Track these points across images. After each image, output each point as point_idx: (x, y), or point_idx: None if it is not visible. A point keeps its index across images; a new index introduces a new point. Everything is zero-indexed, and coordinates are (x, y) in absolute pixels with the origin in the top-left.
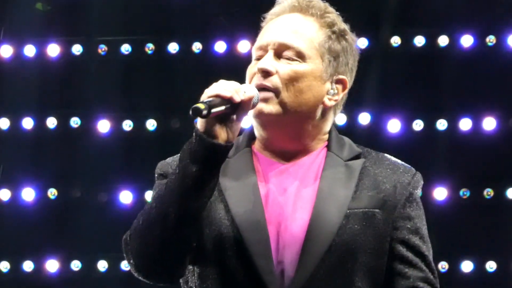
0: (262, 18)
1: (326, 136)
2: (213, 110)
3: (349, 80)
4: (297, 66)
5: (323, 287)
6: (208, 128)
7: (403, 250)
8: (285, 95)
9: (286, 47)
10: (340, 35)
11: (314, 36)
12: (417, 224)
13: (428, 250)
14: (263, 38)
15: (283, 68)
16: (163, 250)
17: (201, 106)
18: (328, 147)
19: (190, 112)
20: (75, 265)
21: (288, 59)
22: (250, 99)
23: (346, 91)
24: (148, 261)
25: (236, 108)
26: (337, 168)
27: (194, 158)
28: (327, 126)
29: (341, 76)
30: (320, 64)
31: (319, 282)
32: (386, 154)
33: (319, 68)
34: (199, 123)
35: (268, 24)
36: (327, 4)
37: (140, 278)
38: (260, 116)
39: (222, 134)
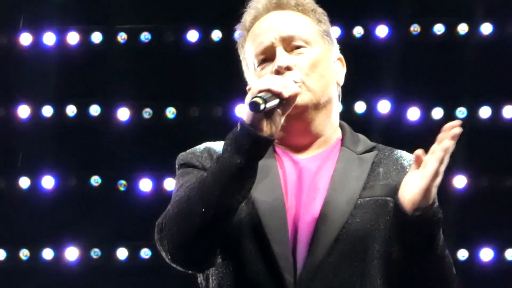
0: (235, 29)
1: (338, 127)
2: (268, 105)
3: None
4: (310, 54)
5: (334, 274)
6: (254, 121)
7: None
8: (310, 83)
9: (292, 38)
10: (323, 18)
11: (306, 22)
12: None
13: None
14: (261, 41)
15: (299, 60)
16: (200, 239)
17: (259, 100)
18: (343, 142)
19: (248, 107)
20: (95, 253)
21: (298, 48)
22: (296, 95)
23: (345, 68)
24: (184, 249)
25: (281, 102)
26: (350, 161)
27: (239, 149)
28: (337, 109)
29: (339, 55)
30: (323, 45)
31: (329, 269)
32: (401, 150)
33: (325, 50)
34: (247, 115)
35: (255, 29)
36: None
37: (172, 264)
38: (295, 108)
39: (267, 127)
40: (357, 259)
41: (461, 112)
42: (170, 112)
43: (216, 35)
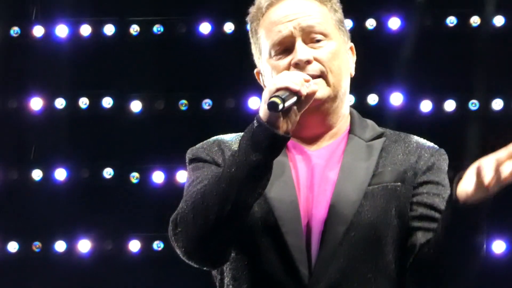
0: (248, 13)
1: (348, 117)
2: (286, 104)
3: None
4: (329, 47)
5: (348, 263)
6: (271, 119)
7: (423, 210)
8: (330, 77)
9: (311, 29)
10: (338, 6)
11: (324, 12)
12: (439, 189)
13: None
14: (280, 30)
15: (318, 53)
16: (215, 235)
17: (278, 100)
18: (351, 129)
19: (266, 107)
20: (107, 245)
21: (317, 41)
22: (314, 93)
23: (355, 57)
24: (199, 245)
25: (299, 100)
26: (358, 148)
27: (256, 147)
28: (348, 99)
29: (350, 44)
30: (339, 37)
31: (343, 258)
32: (410, 134)
33: (341, 41)
34: (264, 113)
35: (271, 15)
36: None
37: (186, 260)
38: (313, 101)
39: (283, 125)
40: (370, 246)
41: (474, 104)
42: (183, 104)
43: (229, 27)
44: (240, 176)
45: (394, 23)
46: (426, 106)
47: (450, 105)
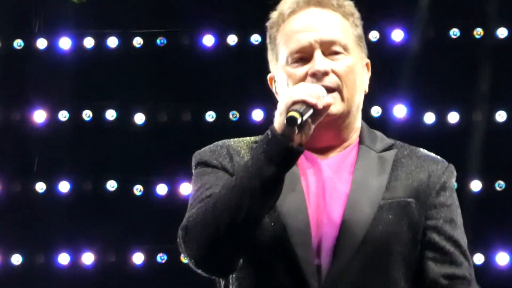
0: (269, 18)
1: (359, 128)
2: (304, 118)
3: None
4: (347, 61)
5: (359, 278)
6: (286, 132)
7: (436, 237)
8: (345, 91)
9: (331, 43)
10: (359, 22)
11: (346, 27)
12: (451, 212)
13: (462, 238)
14: (299, 39)
15: (337, 65)
16: (226, 246)
17: (297, 115)
18: (361, 141)
19: (285, 121)
20: (111, 257)
21: (336, 54)
22: (329, 106)
23: (370, 73)
24: (209, 255)
25: (314, 113)
26: (370, 160)
27: (270, 160)
28: (360, 113)
29: (367, 60)
30: (358, 53)
31: (355, 273)
32: (419, 148)
33: (359, 57)
34: (279, 125)
35: (292, 23)
36: None
37: (195, 269)
38: (327, 116)
39: (297, 137)
40: (381, 262)
41: (477, 116)
42: (187, 116)
43: (232, 39)
44: (253, 188)
45: (398, 35)
46: (429, 118)
47: (453, 117)
